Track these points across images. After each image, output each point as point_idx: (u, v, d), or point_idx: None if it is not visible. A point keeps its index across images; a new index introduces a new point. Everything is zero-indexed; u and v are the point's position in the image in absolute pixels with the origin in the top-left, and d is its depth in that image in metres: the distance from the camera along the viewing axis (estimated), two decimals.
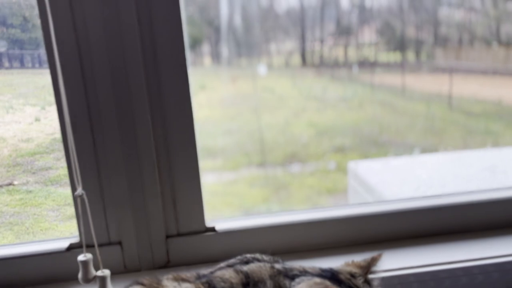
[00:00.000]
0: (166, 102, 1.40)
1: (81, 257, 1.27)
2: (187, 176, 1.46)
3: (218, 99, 2.11)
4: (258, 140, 2.35)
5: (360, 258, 1.18)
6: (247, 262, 1.15)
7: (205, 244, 1.49)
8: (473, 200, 1.61)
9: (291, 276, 1.09)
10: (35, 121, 1.54)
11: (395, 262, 1.35)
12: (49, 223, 1.60)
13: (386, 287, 1.14)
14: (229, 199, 2.40)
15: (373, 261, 1.16)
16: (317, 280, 1.02)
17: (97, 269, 1.33)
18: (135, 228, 1.44)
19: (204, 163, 1.47)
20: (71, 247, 1.43)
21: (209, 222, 1.51)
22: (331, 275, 1.09)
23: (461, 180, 2.17)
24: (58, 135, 1.59)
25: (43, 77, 1.54)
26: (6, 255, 1.40)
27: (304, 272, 1.12)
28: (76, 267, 1.31)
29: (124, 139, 1.37)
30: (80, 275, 1.28)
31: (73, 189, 1.40)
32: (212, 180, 2.32)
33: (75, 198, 1.40)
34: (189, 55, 1.39)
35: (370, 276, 1.14)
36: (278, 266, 1.14)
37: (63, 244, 1.43)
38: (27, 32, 1.45)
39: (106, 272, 1.30)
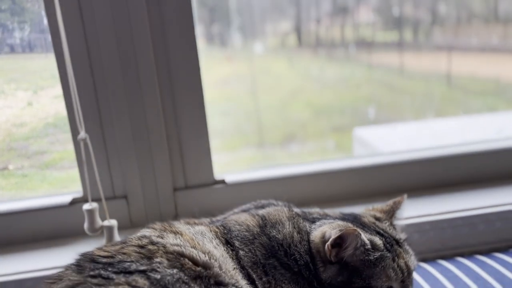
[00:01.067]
0: (171, 48, 1.36)
1: (86, 206, 1.28)
2: (194, 127, 1.43)
3: (214, 80, 2.10)
4: (255, 121, 2.35)
5: None
6: (262, 206, 1.14)
7: (215, 197, 1.47)
8: (484, 149, 1.63)
9: (311, 219, 1.08)
10: (28, 106, 1.55)
11: (411, 210, 1.35)
12: None
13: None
14: None
15: (397, 204, 1.16)
16: (340, 222, 1.01)
17: (103, 221, 1.31)
18: (141, 180, 1.43)
19: None
20: (75, 201, 1.44)
21: (218, 175, 1.50)
22: (353, 218, 1.09)
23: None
24: (51, 119, 1.59)
25: (34, 62, 1.54)
26: (9, 210, 1.42)
27: (325, 216, 1.11)
28: (80, 221, 1.31)
29: (128, 85, 1.35)
30: (86, 225, 1.28)
31: (74, 134, 1.38)
32: None
33: (77, 145, 1.38)
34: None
35: (394, 220, 1.13)
36: (296, 209, 1.13)
37: (66, 199, 1.44)
38: (16, 16, 1.44)
39: (113, 222, 1.30)
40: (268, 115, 2.37)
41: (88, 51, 1.32)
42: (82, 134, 1.26)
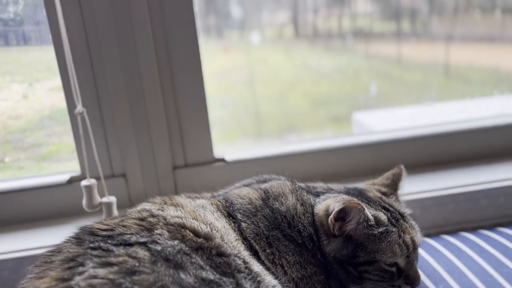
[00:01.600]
0: (169, 23, 1.34)
1: (84, 182, 1.27)
2: (193, 105, 1.42)
3: (211, 72, 2.10)
4: (253, 112, 2.35)
5: None
6: (264, 181, 1.14)
7: (215, 175, 1.46)
8: (485, 126, 1.63)
9: (315, 193, 1.09)
10: (23, 98, 1.55)
11: (413, 186, 1.36)
12: None
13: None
14: None
15: (396, 176, 1.16)
16: (345, 196, 1.02)
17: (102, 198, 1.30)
18: (139, 159, 1.42)
19: None
20: (72, 180, 1.43)
21: (218, 153, 1.49)
22: (358, 193, 1.09)
23: None
24: (47, 111, 1.60)
25: (29, 54, 1.54)
26: (7, 189, 1.41)
27: (329, 190, 1.11)
28: (78, 200, 1.31)
29: (125, 61, 1.33)
30: (84, 202, 1.28)
31: (71, 108, 1.36)
32: None
33: (74, 122, 1.36)
34: None
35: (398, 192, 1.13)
36: (299, 184, 1.13)
37: (64, 177, 1.43)
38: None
39: (112, 199, 1.30)
40: (266, 106, 2.37)
41: (84, 28, 1.30)
42: (79, 108, 1.24)
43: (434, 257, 1.20)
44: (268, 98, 2.37)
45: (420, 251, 1.21)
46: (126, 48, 1.32)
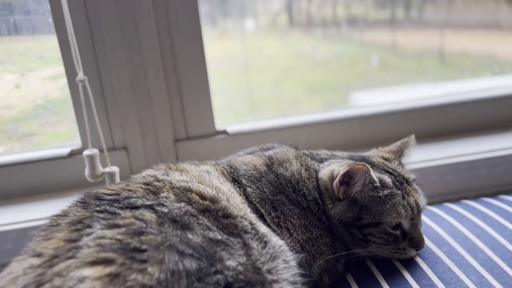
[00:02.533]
0: None
1: (87, 152, 1.28)
2: (194, 77, 1.42)
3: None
4: (248, 99, 2.35)
5: None
6: (267, 149, 1.17)
7: (216, 147, 1.47)
8: (485, 97, 1.67)
9: (319, 159, 1.11)
10: (16, 88, 1.55)
11: (415, 156, 1.35)
12: None
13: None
14: None
15: (405, 144, 1.18)
16: (349, 161, 1.03)
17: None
18: (140, 131, 1.42)
19: None
20: (73, 153, 1.45)
21: (219, 125, 1.50)
22: (362, 159, 1.10)
23: None
24: (40, 101, 1.60)
25: (20, 44, 1.54)
26: (9, 161, 1.44)
27: (333, 156, 1.14)
28: (80, 173, 1.32)
29: (125, 33, 1.33)
30: (87, 172, 1.29)
31: (71, 78, 1.35)
32: None
33: (74, 93, 1.36)
34: None
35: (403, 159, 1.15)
36: (303, 150, 1.15)
37: (65, 150, 1.45)
38: None
39: (114, 169, 1.31)
40: (260, 93, 2.37)
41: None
42: (81, 75, 1.24)
43: (437, 223, 1.22)
44: (263, 85, 2.37)
45: (423, 218, 1.23)
46: (126, 19, 1.32)
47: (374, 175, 0.98)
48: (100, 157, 1.31)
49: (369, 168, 0.96)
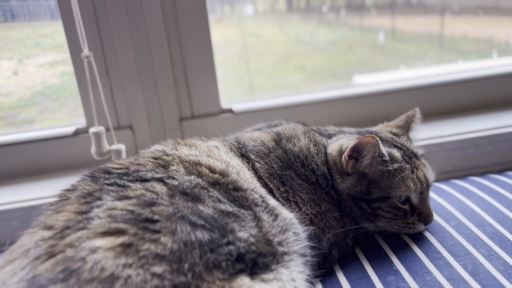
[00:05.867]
0: None
1: (93, 129, 1.27)
2: (199, 56, 1.41)
3: None
4: (247, 85, 2.34)
5: None
6: (275, 125, 1.16)
7: (222, 126, 1.45)
8: (489, 74, 1.66)
9: (327, 135, 1.11)
10: (13, 75, 1.53)
11: (420, 133, 1.35)
12: None
13: None
14: None
15: (410, 118, 1.17)
16: (358, 136, 1.03)
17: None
18: (146, 110, 1.41)
19: None
20: (78, 132, 1.44)
21: (225, 104, 1.49)
22: (370, 133, 1.08)
23: None
24: (38, 88, 1.59)
25: (17, 31, 1.53)
26: (14, 140, 1.43)
27: (341, 132, 1.13)
28: (85, 152, 1.30)
29: (130, 11, 1.31)
30: (93, 149, 1.28)
31: (76, 55, 1.34)
32: None
33: (78, 71, 1.35)
34: None
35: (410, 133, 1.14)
36: (311, 126, 1.15)
37: (70, 129, 1.44)
38: None
39: (121, 146, 1.30)
40: (259, 79, 2.36)
41: None
42: (86, 51, 1.22)
43: (445, 198, 1.21)
44: (262, 71, 2.36)
45: (431, 194, 1.22)
46: (132, 5, 1.31)
47: (384, 148, 0.97)
48: (106, 136, 1.30)
49: (379, 140, 0.95)
